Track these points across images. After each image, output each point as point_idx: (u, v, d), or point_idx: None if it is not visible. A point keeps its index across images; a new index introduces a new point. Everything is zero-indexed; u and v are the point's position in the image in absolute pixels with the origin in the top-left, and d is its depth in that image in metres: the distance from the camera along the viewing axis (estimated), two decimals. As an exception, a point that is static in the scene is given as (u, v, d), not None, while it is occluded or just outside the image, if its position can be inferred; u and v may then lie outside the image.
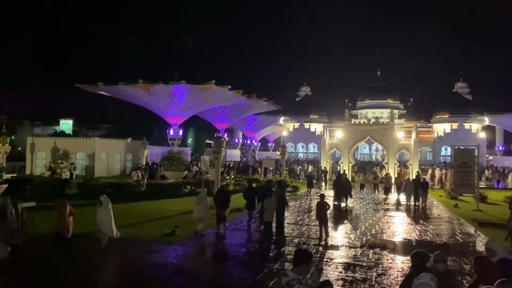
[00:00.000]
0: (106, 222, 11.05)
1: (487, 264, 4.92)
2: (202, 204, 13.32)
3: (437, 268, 5.12)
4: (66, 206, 10.44)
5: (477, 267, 4.99)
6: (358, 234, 13.82)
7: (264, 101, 44.56)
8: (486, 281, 4.55)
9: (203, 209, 13.21)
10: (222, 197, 14.36)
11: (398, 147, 34.77)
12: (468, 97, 78.04)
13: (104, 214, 11.07)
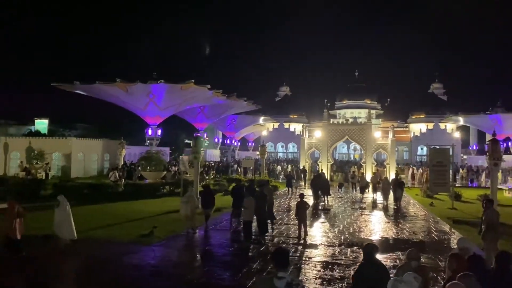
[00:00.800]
0: (64, 223, 10.81)
1: (461, 260, 5.05)
2: (190, 202, 13.55)
3: (410, 265, 5.28)
4: (13, 208, 10.10)
5: (452, 264, 5.12)
6: (336, 232, 13.96)
7: (244, 100, 44.57)
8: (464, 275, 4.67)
9: (190, 207, 13.46)
10: (208, 196, 15.03)
11: (375, 146, 35.27)
12: (443, 97, 79.81)
13: (61, 215, 10.84)
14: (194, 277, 9.06)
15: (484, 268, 4.99)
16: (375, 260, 5.48)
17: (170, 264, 10.12)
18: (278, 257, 4.38)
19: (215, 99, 39.07)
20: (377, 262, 5.57)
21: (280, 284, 4.13)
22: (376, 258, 5.50)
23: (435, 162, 21.85)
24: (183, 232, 13.51)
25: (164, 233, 13.11)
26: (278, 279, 4.17)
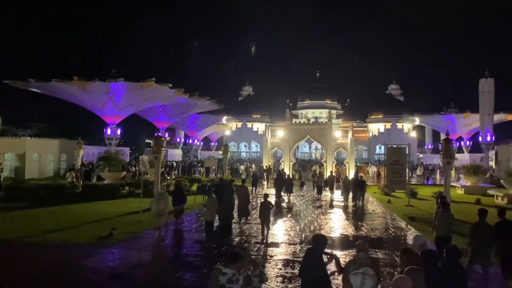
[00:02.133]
0: None
1: (412, 255, 5.25)
2: (162, 200, 14.08)
3: (359, 256, 5.66)
4: None
5: (403, 258, 5.31)
6: (298, 230, 14.14)
7: (206, 100, 44.26)
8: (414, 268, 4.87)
9: (162, 204, 13.95)
10: (180, 193, 15.72)
11: (335, 146, 36.00)
12: (400, 98, 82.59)
13: None
14: (155, 278, 8.93)
15: (436, 262, 5.21)
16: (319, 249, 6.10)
17: (129, 266, 9.90)
18: (229, 253, 4.85)
19: (177, 98, 38.58)
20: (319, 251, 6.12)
21: (223, 280, 4.49)
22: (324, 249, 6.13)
23: (392, 161, 22.58)
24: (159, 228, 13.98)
25: (123, 234, 12.84)
26: (222, 275, 4.54)
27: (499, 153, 35.57)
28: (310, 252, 6.15)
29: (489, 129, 38.45)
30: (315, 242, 6.19)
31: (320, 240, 6.15)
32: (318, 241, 6.14)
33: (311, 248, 6.24)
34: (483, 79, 37.99)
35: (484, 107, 38.44)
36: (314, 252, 6.07)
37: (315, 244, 6.16)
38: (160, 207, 13.85)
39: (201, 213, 16.45)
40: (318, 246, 6.10)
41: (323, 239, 6.20)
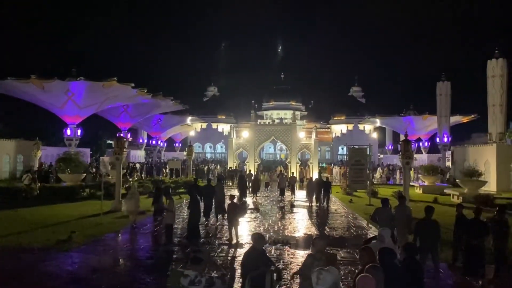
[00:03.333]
0: None
1: (370, 253, 5.40)
2: (133, 198, 14.84)
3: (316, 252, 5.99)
4: None
5: (362, 256, 5.46)
6: (262, 231, 14.20)
7: (170, 100, 43.66)
8: None
9: (133, 203, 14.72)
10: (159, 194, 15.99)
11: (300, 146, 36.43)
12: (362, 100, 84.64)
13: None
14: (115, 282, 8.73)
15: (394, 259, 5.38)
16: (259, 248, 6.29)
17: (89, 270, 9.64)
18: (191, 254, 4.87)
19: (139, 98, 37.84)
20: (259, 249, 6.32)
21: (184, 282, 4.43)
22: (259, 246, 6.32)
23: (353, 161, 23.10)
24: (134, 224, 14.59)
25: (83, 238, 12.49)
26: (184, 277, 4.47)
27: (455, 153, 37.09)
28: (251, 250, 6.29)
29: (446, 131, 39.97)
30: (254, 241, 6.40)
31: (258, 239, 6.40)
32: (257, 240, 6.37)
33: (251, 247, 6.38)
34: (440, 82, 39.46)
35: (441, 109, 39.93)
36: (255, 251, 6.23)
37: (254, 243, 6.36)
38: (131, 206, 14.74)
39: None
40: (257, 244, 6.32)
41: (262, 238, 6.53)
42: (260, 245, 6.39)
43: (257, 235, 6.58)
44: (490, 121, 31.64)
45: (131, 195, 15.15)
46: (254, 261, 6.06)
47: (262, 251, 6.44)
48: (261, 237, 6.58)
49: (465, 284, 8.72)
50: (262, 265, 6.11)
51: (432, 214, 9.02)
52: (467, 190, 23.59)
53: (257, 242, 6.37)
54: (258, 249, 6.32)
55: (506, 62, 31.22)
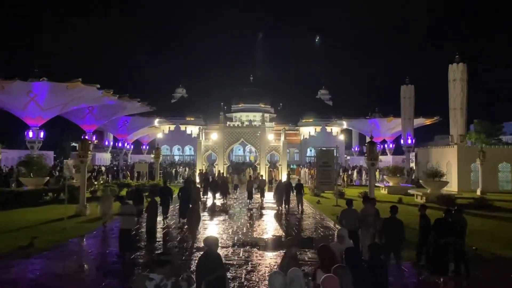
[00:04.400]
0: None
1: (328, 252, 5.59)
2: (107, 201, 15.21)
3: (291, 251, 6.20)
4: None
5: (319, 255, 5.64)
6: (231, 233, 14.17)
7: (137, 101, 42.99)
8: (326, 266, 5.23)
9: (108, 205, 15.10)
10: (138, 195, 15.90)
11: (269, 148, 36.59)
12: (329, 103, 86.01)
13: None
14: (79, 289, 8.49)
15: (359, 258, 5.49)
16: (213, 250, 6.23)
17: (51, 277, 9.33)
18: (157, 257, 4.74)
19: (105, 99, 37.06)
20: (214, 253, 6.26)
21: (150, 286, 4.47)
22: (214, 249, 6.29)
23: (321, 163, 23.39)
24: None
25: (46, 243, 12.09)
26: (149, 280, 4.53)
27: (418, 155, 38.29)
28: (206, 255, 6.20)
29: (409, 133, 41.16)
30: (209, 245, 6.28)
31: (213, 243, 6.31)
32: (211, 244, 6.28)
33: (206, 251, 6.27)
34: (404, 86, 40.63)
35: (405, 112, 41.12)
36: (210, 255, 6.15)
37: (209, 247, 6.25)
38: (105, 208, 15.05)
39: None
40: (212, 248, 6.23)
41: (216, 241, 6.45)
42: (215, 249, 6.30)
43: (212, 238, 6.42)
44: (451, 124, 32.86)
45: (106, 197, 15.50)
46: (210, 266, 5.95)
47: (217, 255, 6.33)
48: (216, 240, 6.45)
49: (429, 282, 8.97)
50: (218, 269, 6.02)
51: (397, 213, 9.26)
52: (430, 191, 24.35)
53: (212, 246, 6.25)
54: (213, 253, 6.21)
55: (466, 66, 32.52)
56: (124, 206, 11.57)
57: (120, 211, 11.48)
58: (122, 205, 11.58)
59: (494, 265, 10.30)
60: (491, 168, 28.95)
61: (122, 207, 11.52)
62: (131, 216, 11.28)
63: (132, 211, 11.42)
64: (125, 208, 11.46)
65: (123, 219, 11.30)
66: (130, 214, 11.27)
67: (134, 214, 11.43)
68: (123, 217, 11.32)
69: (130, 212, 11.31)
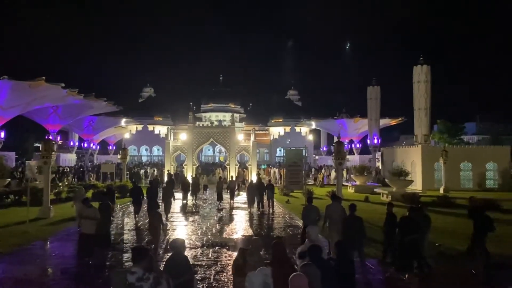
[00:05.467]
0: None
1: (280, 248, 5.80)
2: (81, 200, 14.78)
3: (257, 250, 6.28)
4: None
5: (273, 251, 5.83)
6: (200, 234, 14.08)
7: (103, 101, 41.97)
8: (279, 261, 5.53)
9: None
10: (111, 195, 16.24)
11: (238, 148, 36.56)
12: (298, 103, 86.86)
13: None
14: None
15: (320, 255, 5.70)
16: (180, 252, 6.19)
17: (12, 282, 8.99)
18: (134, 254, 4.91)
19: (70, 98, 35.99)
20: (182, 256, 6.22)
21: (132, 279, 4.53)
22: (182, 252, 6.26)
23: (290, 163, 23.56)
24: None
25: (7, 247, 11.65)
26: (131, 273, 4.58)
27: (384, 154, 39.17)
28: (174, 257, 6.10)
29: (376, 133, 42.07)
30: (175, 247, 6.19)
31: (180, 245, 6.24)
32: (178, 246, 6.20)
33: (173, 254, 6.17)
34: (370, 87, 41.50)
35: (372, 113, 42.00)
36: (177, 258, 6.07)
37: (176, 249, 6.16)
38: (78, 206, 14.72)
39: None
40: (179, 251, 6.16)
41: (183, 243, 6.39)
42: (182, 251, 6.22)
43: (179, 241, 6.31)
44: (416, 124, 33.81)
45: (82, 197, 14.78)
46: (176, 269, 5.85)
47: (185, 258, 6.25)
48: (182, 243, 6.35)
49: (395, 279, 9.20)
50: (185, 272, 5.94)
51: (355, 210, 9.47)
52: (395, 189, 24.98)
53: (179, 248, 6.16)
54: (181, 256, 6.13)
55: (430, 68, 33.55)
56: (88, 209, 10.81)
57: (82, 214, 10.84)
58: (85, 208, 10.84)
59: (456, 261, 10.66)
60: (453, 167, 29.96)
61: (85, 210, 10.83)
62: (93, 220, 10.56)
63: (96, 215, 10.66)
64: (88, 211, 10.75)
65: (85, 223, 10.65)
66: (93, 218, 10.56)
67: (97, 218, 10.66)
68: (84, 221, 10.67)
69: (93, 216, 10.57)
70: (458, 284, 8.96)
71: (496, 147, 36.09)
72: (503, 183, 30.67)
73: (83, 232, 10.68)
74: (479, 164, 31.07)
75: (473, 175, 31.04)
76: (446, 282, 9.08)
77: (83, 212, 10.89)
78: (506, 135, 69.03)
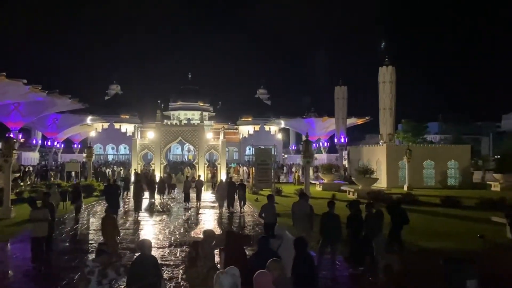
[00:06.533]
0: None
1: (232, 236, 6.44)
2: (54, 198, 14.86)
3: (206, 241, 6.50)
4: None
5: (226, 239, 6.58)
6: (167, 233, 13.96)
7: (68, 98, 40.77)
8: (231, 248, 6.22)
9: (54, 200, 14.58)
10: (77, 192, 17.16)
11: (207, 147, 36.43)
12: (268, 102, 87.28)
13: None
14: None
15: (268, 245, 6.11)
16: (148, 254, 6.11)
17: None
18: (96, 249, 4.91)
19: (33, 95, 34.78)
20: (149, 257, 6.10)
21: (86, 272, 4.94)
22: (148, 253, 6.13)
23: (259, 161, 23.71)
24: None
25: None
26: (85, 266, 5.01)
27: (350, 153, 39.94)
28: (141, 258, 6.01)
29: (343, 132, 42.81)
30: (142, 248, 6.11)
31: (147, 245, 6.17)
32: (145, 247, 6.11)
33: (140, 255, 6.06)
34: (338, 87, 42.17)
35: (339, 112, 42.72)
36: (144, 259, 5.98)
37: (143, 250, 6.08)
38: None
39: None
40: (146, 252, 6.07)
41: (148, 244, 6.24)
42: (148, 252, 6.08)
43: (146, 242, 6.16)
44: (381, 123, 34.64)
45: (53, 195, 14.89)
46: (143, 270, 5.72)
47: (152, 259, 6.11)
48: (149, 243, 6.21)
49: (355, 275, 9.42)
50: (151, 274, 5.81)
51: (334, 208, 9.65)
52: (361, 187, 25.51)
53: (145, 249, 6.04)
54: (148, 256, 6.00)
55: (395, 69, 34.45)
56: (35, 211, 10.19)
57: (30, 216, 10.18)
58: (33, 210, 10.22)
59: (417, 257, 11.02)
60: (417, 165, 30.87)
61: (32, 212, 10.20)
62: (43, 222, 9.99)
63: (45, 216, 10.07)
64: (36, 213, 10.13)
65: (34, 225, 10.07)
66: (42, 220, 9.98)
67: (47, 220, 10.09)
68: (34, 224, 10.09)
69: (43, 218, 10.01)
70: (413, 279, 9.27)
71: (457, 146, 37.50)
72: (463, 181, 31.88)
73: (33, 236, 10.09)
74: (441, 162, 32.15)
75: (436, 173, 32.09)
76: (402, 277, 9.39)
77: (31, 214, 10.24)
78: (466, 134, 71.85)
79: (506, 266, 10.28)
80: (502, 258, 10.97)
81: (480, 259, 8.33)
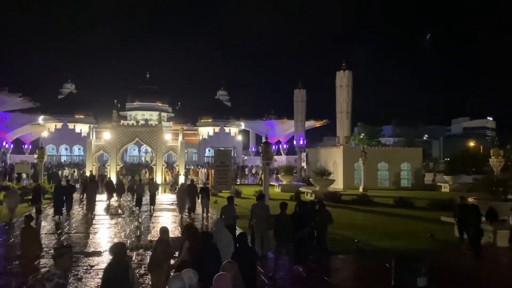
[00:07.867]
0: None
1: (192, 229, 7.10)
2: (14, 197, 16.15)
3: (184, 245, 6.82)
4: None
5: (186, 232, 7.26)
6: (123, 237, 13.62)
7: (18, 96, 39.11)
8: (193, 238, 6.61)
9: (14, 201, 15.98)
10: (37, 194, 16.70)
11: (166, 148, 35.87)
12: (228, 104, 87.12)
13: None
14: None
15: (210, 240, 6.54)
16: (122, 258, 5.66)
17: None
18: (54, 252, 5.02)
19: (-21, 93, 33.07)
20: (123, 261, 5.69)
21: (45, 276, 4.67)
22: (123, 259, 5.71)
23: (218, 163, 23.62)
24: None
25: None
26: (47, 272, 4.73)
27: (309, 155, 40.63)
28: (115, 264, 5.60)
29: (301, 134, 43.40)
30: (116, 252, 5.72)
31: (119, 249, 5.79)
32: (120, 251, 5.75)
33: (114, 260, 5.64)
34: (297, 90, 42.71)
35: (298, 115, 43.28)
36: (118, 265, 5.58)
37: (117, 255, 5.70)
38: (11, 203, 15.77)
39: None
40: (118, 255, 5.69)
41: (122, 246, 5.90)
42: (123, 258, 5.61)
43: (119, 245, 5.81)
44: (338, 126, 35.46)
45: (12, 193, 16.53)
46: (120, 278, 5.34)
47: (126, 265, 5.66)
48: (123, 248, 5.82)
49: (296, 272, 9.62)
50: (125, 280, 5.39)
51: (286, 209, 9.76)
52: (318, 188, 26.02)
53: (120, 254, 5.59)
54: (122, 262, 5.57)
55: (352, 73, 35.37)
56: None
57: None
58: None
59: (371, 256, 11.35)
60: (372, 167, 31.85)
61: None
62: None
63: None
64: None
65: None
66: None
67: None
68: None
69: None
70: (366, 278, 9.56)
71: (410, 149, 39.00)
72: (416, 182, 33.20)
73: None
74: (394, 164, 33.32)
75: (390, 175, 33.22)
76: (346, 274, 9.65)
77: None
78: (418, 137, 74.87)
79: (453, 263, 10.81)
80: (450, 256, 11.51)
81: (430, 257, 8.67)
